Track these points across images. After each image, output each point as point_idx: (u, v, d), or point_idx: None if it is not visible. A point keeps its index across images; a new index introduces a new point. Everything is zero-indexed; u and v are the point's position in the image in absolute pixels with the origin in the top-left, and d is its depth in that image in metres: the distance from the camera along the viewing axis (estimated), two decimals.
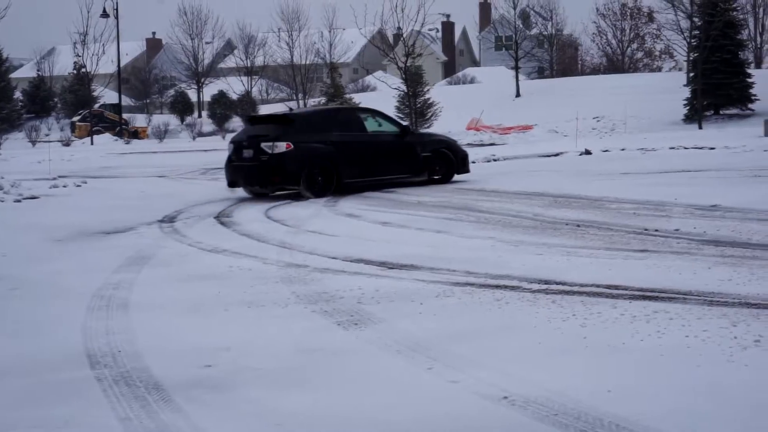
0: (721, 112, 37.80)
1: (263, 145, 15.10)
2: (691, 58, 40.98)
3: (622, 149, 23.35)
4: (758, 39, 57.17)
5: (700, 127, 33.84)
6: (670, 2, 42.45)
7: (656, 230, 9.10)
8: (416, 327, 5.58)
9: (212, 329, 5.85)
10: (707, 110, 36.77)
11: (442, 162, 17.02)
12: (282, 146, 15.03)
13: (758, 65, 51.24)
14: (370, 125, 16.83)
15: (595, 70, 65.96)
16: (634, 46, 67.43)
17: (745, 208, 10.29)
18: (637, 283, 6.51)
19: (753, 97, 37.27)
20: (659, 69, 65.21)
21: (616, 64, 65.67)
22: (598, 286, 6.52)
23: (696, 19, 40.62)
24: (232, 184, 15.67)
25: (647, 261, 7.45)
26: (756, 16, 56.57)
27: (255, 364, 4.94)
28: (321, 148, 15.48)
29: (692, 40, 40.25)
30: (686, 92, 38.92)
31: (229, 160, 15.71)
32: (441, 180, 16.85)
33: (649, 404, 4.02)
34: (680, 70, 51.50)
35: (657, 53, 66.12)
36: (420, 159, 16.68)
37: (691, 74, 40.10)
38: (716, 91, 36.75)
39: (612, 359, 4.73)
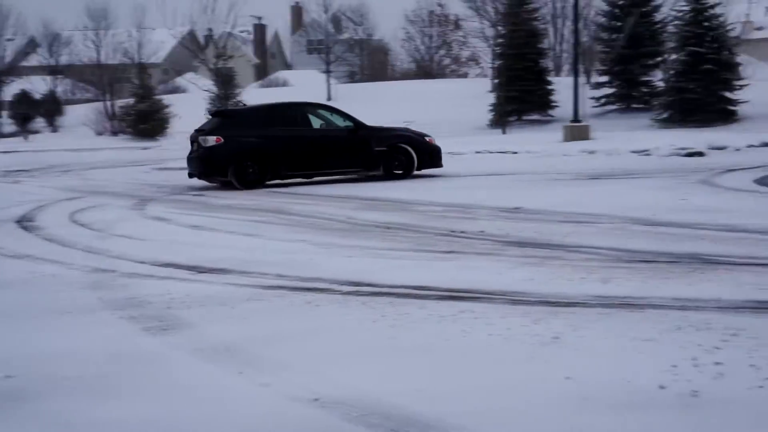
0: (523, 117, 39.33)
1: (200, 138, 16.51)
2: (495, 66, 42.48)
3: None
4: (558, 48, 59.80)
5: (504, 132, 35.09)
6: (476, 11, 43.86)
7: (462, 232, 9.37)
8: (227, 331, 5.52)
9: (16, 337, 5.60)
10: (511, 116, 38.18)
11: (402, 157, 17.20)
12: (212, 140, 16.29)
13: (558, 73, 53.64)
14: (318, 121, 17.50)
15: (405, 76, 67.25)
16: (442, 52, 69.18)
17: (547, 210, 10.75)
18: (445, 283, 6.67)
19: (553, 104, 39.02)
20: (466, 75, 67.18)
21: (425, 69, 67.18)
22: (406, 287, 6.64)
23: (500, 28, 42.16)
24: (189, 174, 16.99)
25: (454, 262, 7.66)
26: (555, 26, 59.18)
27: (61, 373, 4.76)
28: (252, 141, 16.40)
29: (497, 48, 41.75)
30: (491, 98, 40.29)
31: (188, 152, 17.15)
32: (401, 175, 17.04)
33: (456, 403, 4.12)
34: (486, 76, 53.24)
35: (464, 60, 68.08)
36: (373, 154, 16.99)
37: (496, 81, 41.57)
38: (520, 98, 38.23)
39: (421, 359, 4.83)
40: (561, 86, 38.53)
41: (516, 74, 38.28)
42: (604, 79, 38.95)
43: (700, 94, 33.19)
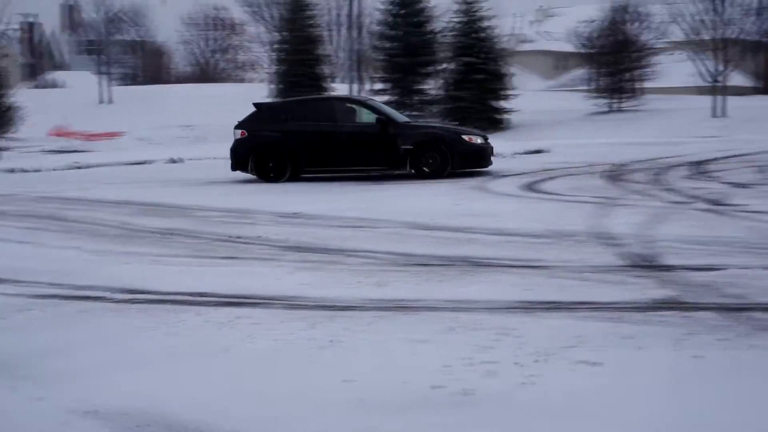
0: None
1: (234, 131, 17.10)
2: (275, 71, 42.53)
3: (214, 158, 23.62)
4: (336, 55, 60.66)
5: None
6: (255, 16, 43.74)
7: (241, 237, 9.31)
8: None
9: None
10: None
11: (433, 155, 16.18)
12: (238, 133, 16.88)
13: (336, 80, 54.37)
14: (346, 116, 16.90)
15: (184, 79, 66.18)
16: (222, 56, 68.58)
17: (325, 215, 10.85)
18: (224, 289, 6.61)
19: None
20: (246, 80, 66.92)
21: (204, 73, 66.36)
22: (185, 294, 6.53)
23: (279, 34, 42.24)
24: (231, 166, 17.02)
25: (233, 268, 7.60)
26: (333, 34, 60.01)
27: None
28: (272, 136, 16.52)
29: (276, 54, 41.80)
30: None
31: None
32: (431, 175, 15.93)
33: (235, 409, 4.09)
34: (264, 81, 53.23)
35: (243, 65, 67.78)
36: (399, 151, 16.13)
37: (276, 86, 41.63)
38: None
39: (200, 366, 4.76)
40: (342, 92, 39.04)
41: (295, 80, 38.49)
42: (382, 86, 39.80)
43: (473, 102, 34.55)
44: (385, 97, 39.07)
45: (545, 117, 36.91)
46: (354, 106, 17.56)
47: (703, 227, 8.94)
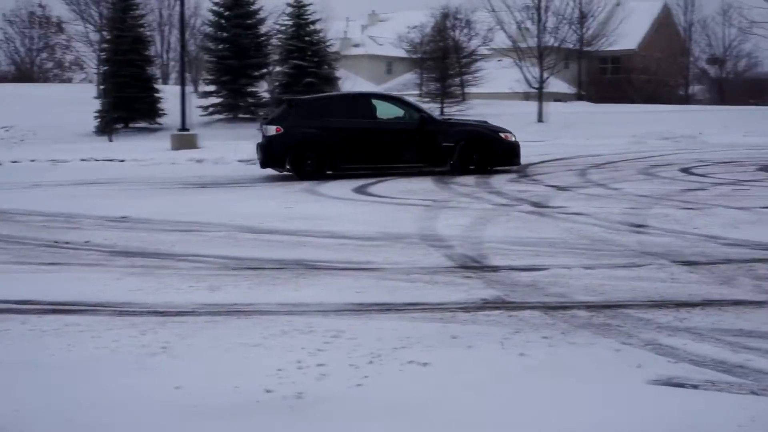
0: (131, 125, 38.59)
1: (263, 127, 16.83)
2: (101, 71, 41.32)
3: (33, 160, 22.74)
4: (165, 56, 59.54)
5: (111, 140, 34.19)
6: (80, 14, 42.38)
7: (67, 242, 9.01)
8: None
9: None
10: (118, 123, 37.31)
11: (476, 152, 16.22)
12: (272, 129, 16.23)
13: (165, 81, 53.33)
14: (384, 112, 16.72)
15: (4, 79, 63.33)
16: (45, 55, 66.08)
17: (155, 219, 10.64)
18: (49, 297, 6.39)
19: (161, 112, 38.67)
20: (70, 80, 64.70)
21: (25, 73, 63.71)
22: (7, 302, 6.28)
23: (105, 33, 41.06)
24: (260, 163, 16.74)
25: (59, 274, 7.36)
26: (162, 34, 58.84)
27: None
28: (311, 132, 16.12)
29: (102, 54, 40.60)
30: (97, 104, 39.11)
31: (259, 141, 16.98)
32: (474, 171, 16.00)
33: (57, 424, 3.96)
34: (91, 82, 51.63)
35: (68, 64, 65.54)
36: (440, 148, 16.16)
37: (102, 87, 40.44)
38: (127, 105, 37.47)
39: (23, 378, 4.58)
40: (169, 94, 38.30)
41: (122, 81, 37.51)
42: (212, 88, 39.31)
43: None
44: (215, 100, 38.66)
45: None
46: (390, 102, 17.46)
47: (528, 229, 9.27)
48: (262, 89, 38.95)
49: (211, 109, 38.45)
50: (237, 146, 24.43)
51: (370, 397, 4.17)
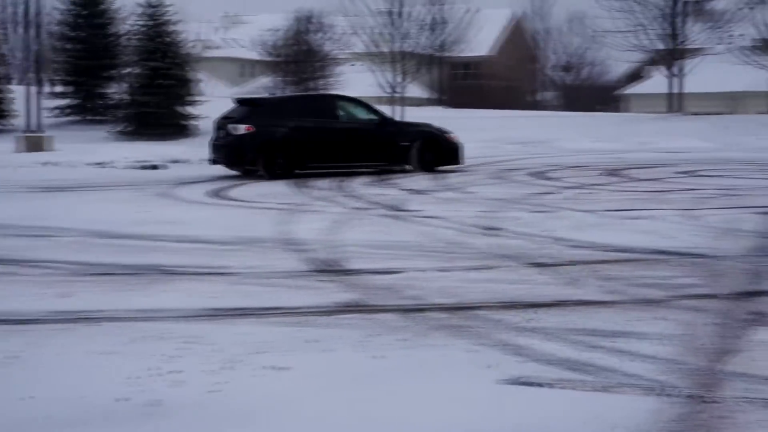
0: None
1: (229, 126, 16.46)
2: None
3: None
4: (12, 55, 57.37)
5: None
6: None
7: None
8: None
9: None
10: None
11: (428, 152, 17.34)
12: (242, 128, 16.26)
13: (11, 81, 51.38)
14: (346, 113, 17.54)
15: None
16: None
17: (0, 224, 10.25)
18: None
19: (7, 113, 37.19)
20: None
21: None
22: None
23: None
24: (213, 161, 17.10)
25: None
26: (8, 32, 56.71)
27: None
28: (281, 131, 16.49)
29: None
30: None
31: (212, 139, 17.28)
32: (425, 168, 17.08)
33: None
34: None
35: None
36: (398, 148, 17.11)
37: None
38: None
39: None
40: (16, 95, 36.89)
41: None
42: (63, 89, 38.08)
43: (158, 108, 33.89)
44: (67, 100, 37.49)
45: None
46: (348, 103, 18.20)
47: (384, 232, 9.38)
48: (116, 91, 37.98)
49: (60, 111, 37.25)
50: (90, 148, 23.77)
51: (227, 403, 4.14)
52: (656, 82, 52.08)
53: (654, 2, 42.03)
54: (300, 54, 44.15)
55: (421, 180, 15.73)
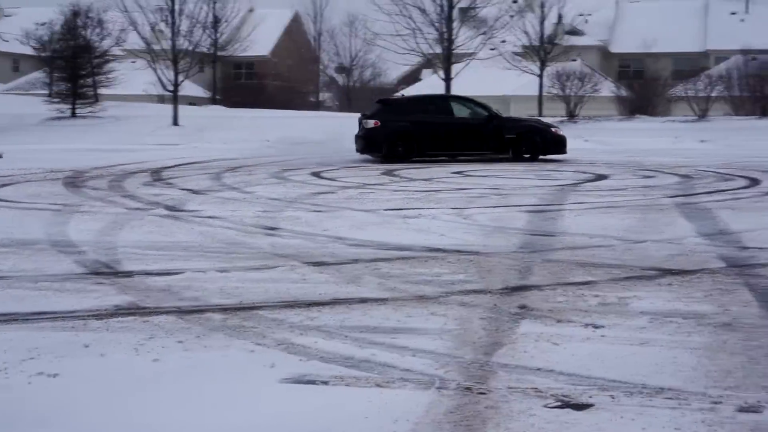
0: None
1: (363, 121, 21.13)
2: None
3: None
4: None
5: None
6: None
7: None
8: None
9: None
10: None
11: (528, 143, 20.90)
12: (371, 123, 20.80)
13: None
14: (459, 110, 21.36)
15: None
16: None
17: None
18: None
19: None
20: None
21: None
22: None
23: None
24: (357, 150, 21.44)
25: None
26: None
27: None
28: (402, 126, 20.68)
29: None
30: None
31: (357, 132, 21.42)
32: (529, 159, 20.72)
33: None
34: None
35: None
36: (503, 140, 20.74)
37: None
38: None
39: None
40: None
41: None
42: None
43: None
44: None
45: None
46: (463, 102, 21.89)
47: (162, 233, 9.18)
48: None
49: None
50: None
51: None
52: (429, 84, 53.77)
53: (427, 7, 43.35)
54: (73, 49, 42.41)
55: (200, 180, 15.50)
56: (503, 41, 46.19)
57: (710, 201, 11.98)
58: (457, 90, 45.16)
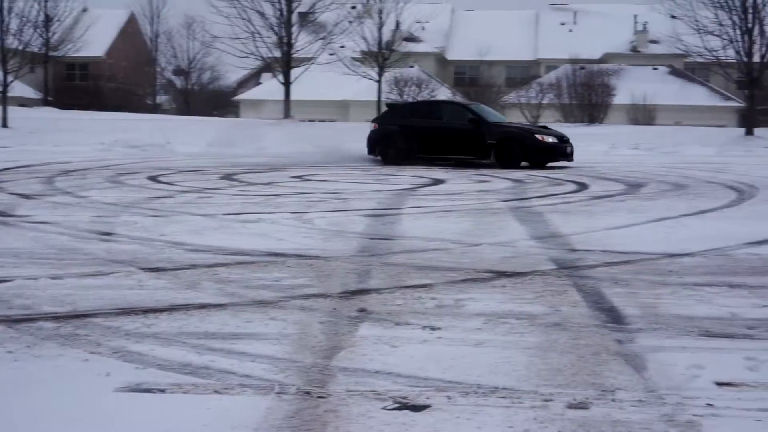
0: None
1: (371, 124, 23.62)
2: None
3: None
4: None
5: None
6: None
7: None
8: None
9: None
10: None
11: (506, 150, 20.73)
12: (372, 126, 23.20)
13: None
14: (450, 115, 21.91)
15: None
16: None
17: None
18: None
19: None
20: None
21: None
22: None
23: None
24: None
25: None
26: None
27: None
28: (396, 129, 22.02)
29: None
30: None
31: None
32: (505, 165, 20.50)
33: None
34: None
35: None
36: (485, 145, 20.83)
37: None
38: None
39: None
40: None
41: None
42: None
43: None
44: None
45: None
46: (453, 107, 22.95)
47: None
48: None
49: None
50: None
51: None
52: (268, 88, 53.56)
53: (266, 11, 43.20)
54: None
55: (31, 184, 14.94)
56: (342, 46, 46.60)
57: (542, 205, 12.43)
58: (296, 94, 45.26)
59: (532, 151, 20.95)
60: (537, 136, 21.25)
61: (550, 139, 21.33)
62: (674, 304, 6.03)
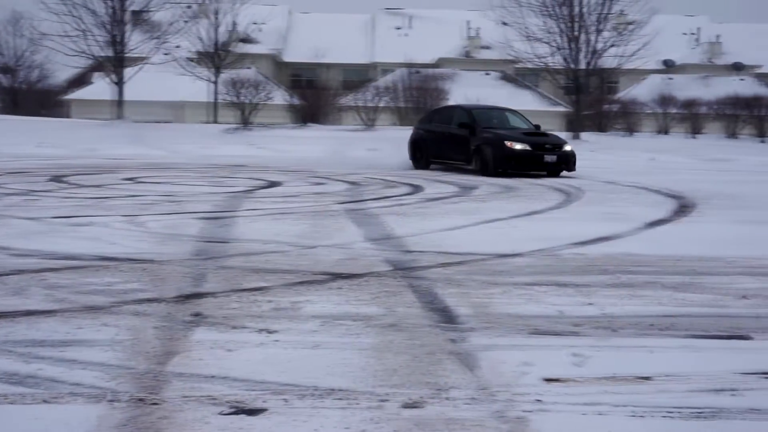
0: None
1: None
2: None
3: None
4: None
5: None
6: None
7: None
8: None
9: None
10: None
11: (481, 156, 20.14)
12: (409, 131, 24.42)
13: None
14: (458, 120, 21.72)
15: None
16: None
17: None
18: None
19: None
20: None
21: None
22: None
23: None
24: None
25: None
26: None
27: None
28: (420, 134, 22.97)
29: None
30: None
31: None
32: (483, 172, 19.90)
33: None
34: None
35: None
36: (470, 151, 20.58)
37: None
38: None
39: None
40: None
41: None
42: None
43: None
44: None
45: None
46: (461, 111, 22.03)
47: None
48: None
49: None
50: None
51: None
52: (100, 88, 52.08)
53: (97, 9, 42.03)
54: None
55: None
56: (178, 46, 45.79)
57: (377, 207, 12.58)
58: (130, 95, 44.15)
59: (501, 158, 19.67)
60: (506, 142, 19.75)
61: (519, 146, 19.68)
62: (505, 303, 6.23)
